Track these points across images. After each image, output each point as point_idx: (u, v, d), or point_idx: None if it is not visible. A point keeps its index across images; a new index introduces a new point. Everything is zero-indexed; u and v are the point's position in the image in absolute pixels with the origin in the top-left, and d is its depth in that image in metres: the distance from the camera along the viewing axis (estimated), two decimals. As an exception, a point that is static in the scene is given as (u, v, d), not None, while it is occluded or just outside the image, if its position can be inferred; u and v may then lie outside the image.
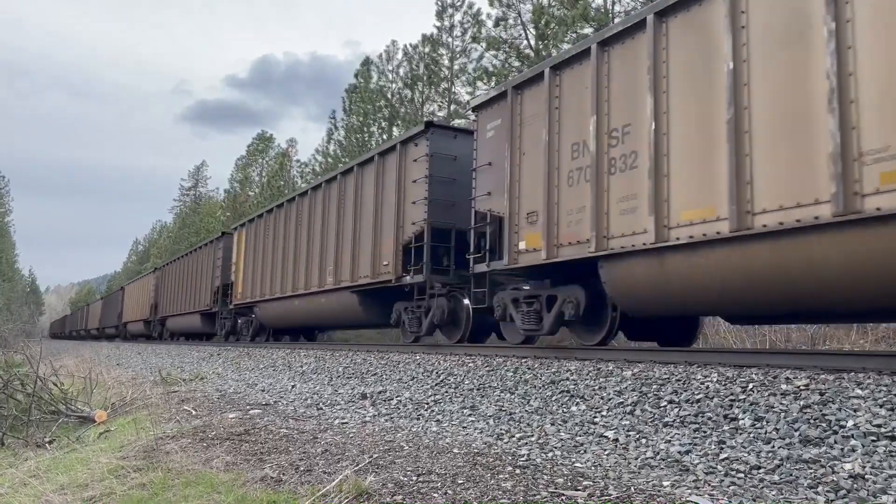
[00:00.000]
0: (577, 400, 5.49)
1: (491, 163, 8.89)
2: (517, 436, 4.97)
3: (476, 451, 4.56)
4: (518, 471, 3.94)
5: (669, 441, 4.31)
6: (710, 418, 4.44)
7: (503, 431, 5.16)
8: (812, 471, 3.49)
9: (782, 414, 4.13)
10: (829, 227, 5.07)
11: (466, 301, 9.76)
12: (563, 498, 3.37)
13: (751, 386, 4.61)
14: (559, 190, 7.66)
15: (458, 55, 28.81)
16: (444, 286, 10.09)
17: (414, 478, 3.88)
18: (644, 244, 6.50)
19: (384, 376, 8.30)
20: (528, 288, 8.48)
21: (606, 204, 7.00)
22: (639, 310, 7.11)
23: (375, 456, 4.48)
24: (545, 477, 3.78)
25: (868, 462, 3.43)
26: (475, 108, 9.42)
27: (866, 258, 4.92)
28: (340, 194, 13.35)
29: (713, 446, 4.08)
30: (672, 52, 6.48)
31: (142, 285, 33.67)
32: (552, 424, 5.15)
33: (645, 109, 6.63)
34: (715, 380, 4.92)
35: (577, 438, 4.73)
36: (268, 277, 16.66)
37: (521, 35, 23.43)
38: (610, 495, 3.37)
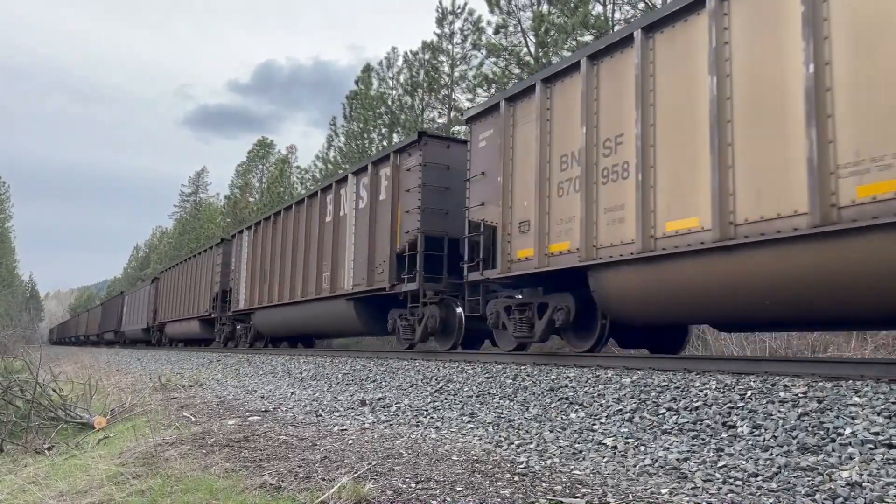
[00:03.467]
0: (576, 407, 5.49)
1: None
2: (516, 443, 4.98)
3: (475, 458, 4.57)
4: (517, 478, 3.94)
5: (668, 448, 4.32)
6: (708, 426, 4.45)
7: (502, 438, 5.17)
8: (810, 478, 3.50)
9: (780, 421, 4.14)
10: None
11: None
12: (562, 505, 3.38)
13: (749, 393, 4.62)
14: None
15: (458, 62, 28.87)
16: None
17: (413, 485, 3.88)
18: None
19: (383, 383, 8.31)
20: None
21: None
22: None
23: (374, 463, 4.48)
24: (543, 484, 3.78)
25: (865, 470, 3.43)
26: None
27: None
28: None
29: (711, 454, 4.09)
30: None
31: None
32: (551, 431, 5.15)
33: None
34: (713, 387, 4.92)
35: (576, 445, 4.74)
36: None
37: (521, 42, 23.53)
38: (608, 502, 3.38)
